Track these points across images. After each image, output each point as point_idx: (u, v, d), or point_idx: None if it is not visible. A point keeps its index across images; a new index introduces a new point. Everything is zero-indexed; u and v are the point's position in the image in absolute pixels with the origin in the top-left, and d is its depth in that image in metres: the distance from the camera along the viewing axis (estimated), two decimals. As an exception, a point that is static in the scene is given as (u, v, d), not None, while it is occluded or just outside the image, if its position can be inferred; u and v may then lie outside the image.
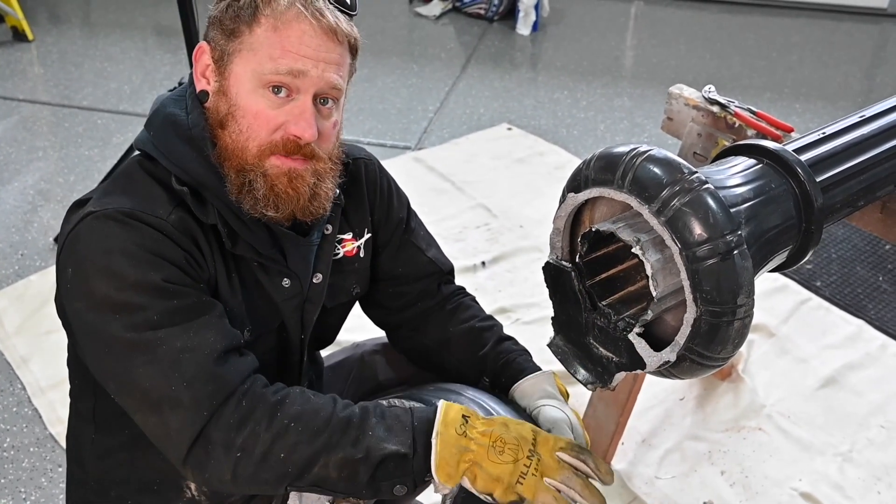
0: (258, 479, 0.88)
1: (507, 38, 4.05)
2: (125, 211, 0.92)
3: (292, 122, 0.96)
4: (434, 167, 2.92)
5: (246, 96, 0.96)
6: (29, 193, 2.75)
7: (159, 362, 0.88)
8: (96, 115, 3.26)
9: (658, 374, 0.91)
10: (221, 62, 0.97)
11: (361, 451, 0.88)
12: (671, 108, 1.55)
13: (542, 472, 0.90)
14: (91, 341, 0.93)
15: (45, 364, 2.05)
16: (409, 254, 1.21)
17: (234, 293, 1.01)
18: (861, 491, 1.78)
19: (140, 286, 0.90)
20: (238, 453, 0.87)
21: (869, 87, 3.74)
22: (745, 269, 0.81)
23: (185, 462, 0.89)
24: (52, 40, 3.86)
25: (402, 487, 0.90)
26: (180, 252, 0.94)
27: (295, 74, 0.95)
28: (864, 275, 2.43)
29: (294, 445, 0.88)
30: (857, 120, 1.08)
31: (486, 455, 0.89)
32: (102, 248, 0.91)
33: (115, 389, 0.93)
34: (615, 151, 0.88)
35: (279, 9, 0.94)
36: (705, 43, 4.03)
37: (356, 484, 0.89)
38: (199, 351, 0.89)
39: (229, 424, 0.87)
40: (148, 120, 1.02)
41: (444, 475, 0.89)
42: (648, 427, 1.91)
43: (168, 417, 0.88)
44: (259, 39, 0.94)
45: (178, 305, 0.91)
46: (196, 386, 0.88)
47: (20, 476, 1.79)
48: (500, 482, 0.88)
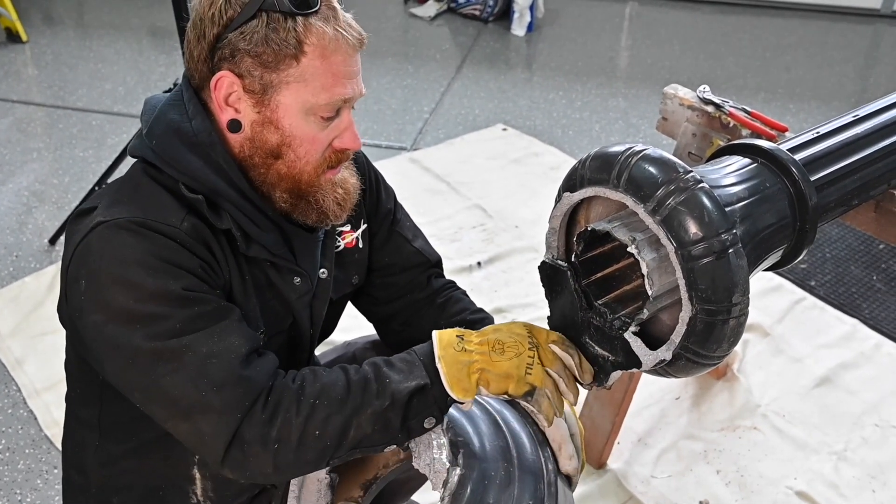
0: (300, 462, 0.91)
1: (502, 38, 4.06)
2: (137, 220, 0.92)
3: (340, 138, 1.00)
4: (429, 168, 2.93)
5: (300, 125, 0.97)
6: (23, 195, 2.74)
7: (186, 369, 0.89)
8: (91, 117, 3.25)
9: (654, 373, 0.91)
10: (264, 94, 0.95)
11: (387, 398, 0.91)
12: (666, 108, 1.55)
13: (542, 361, 0.93)
14: (112, 354, 0.92)
15: (40, 366, 2.05)
16: (396, 244, 1.22)
17: (248, 296, 1.02)
18: (856, 490, 1.78)
19: (160, 296, 0.90)
20: (276, 445, 0.89)
21: (862, 87, 3.75)
22: (740, 268, 0.81)
23: (224, 464, 0.90)
24: (46, 41, 3.85)
25: (430, 419, 0.93)
26: (195, 260, 0.94)
27: (347, 100, 0.98)
28: (858, 274, 2.44)
29: (326, 419, 0.90)
30: (851, 119, 1.09)
31: (490, 359, 0.91)
32: (117, 259, 0.90)
33: (141, 399, 0.93)
34: (610, 151, 0.88)
35: (325, 37, 0.94)
36: (700, 43, 4.04)
37: (391, 431, 0.92)
38: (225, 356, 0.90)
39: (262, 421, 0.89)
40: (149, 129, 1.00)
41: (461, 391, 0.91)
42: (644, 426, 1.92)
43: (200, 424, 0.89)
44: (308, 70, 0.94)
45: (200, 312, 0.91)
46: (226, 390, 0.89)
47: (15, 478, 1.79)
48: (510, 378, 0.91)
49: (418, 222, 1.30)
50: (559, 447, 1.02)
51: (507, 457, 0.97)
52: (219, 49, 0.95)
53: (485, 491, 0.94)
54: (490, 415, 1.03)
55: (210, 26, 0.94)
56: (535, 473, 0.97)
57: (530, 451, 0.99)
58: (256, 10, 0.92)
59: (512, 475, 0.96)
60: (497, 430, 1.01)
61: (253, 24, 0.93)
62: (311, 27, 0.93)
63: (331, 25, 0.94)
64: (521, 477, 0.96)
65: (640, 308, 0.90)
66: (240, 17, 0.93)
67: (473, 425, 1.00)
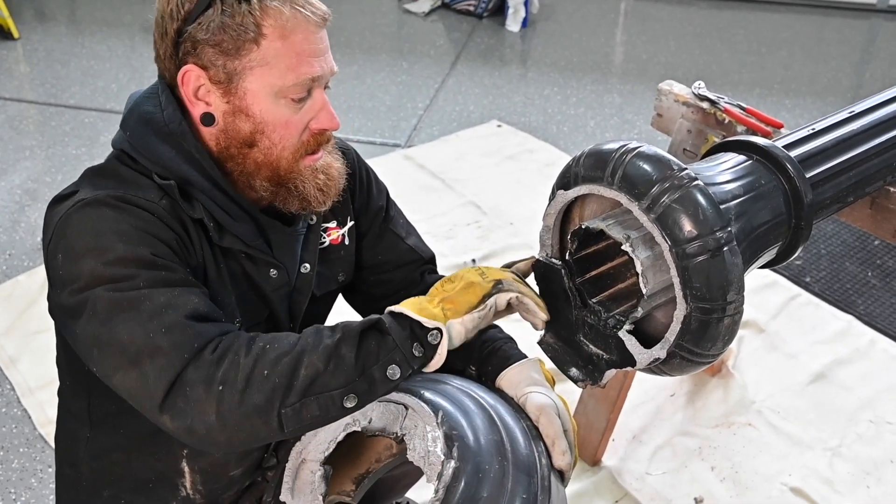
0: (246, 406, 0.84)
1: (496, 34, 4.05)
2: (117, 195, 0.93)
3: (316, 119, 0.99)
4: (424, 165, 2.92)
5: (271, 109, 0.96)
6: (16, 193, 2.73)
7: (140, 316, 0.86)
8: (83, 114, 3.24)
9: (648, 371, 0.91)
10: (229, 82, 0.95)
11: (339, 333, 0.88)
12: (661, 104, 1.55)
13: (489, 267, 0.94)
14: (77, 314, 0.90)
15: (33, 364, 2.04)
16: (390, 242, 1.21)
17: (224, 285, 1.01)
18: (850, 486, 1.79)
19: (127, 259, 0.89)
20: (220, 386, 0.84)
21: (858, 82, 3.75)
22: (734, 266, 0.81)
23: (162, 410, 0.85)
24: (38, 38, 3.83)
25: (395, 368, 0.87)
26: (171, 233, 0.94)
27: (315, 79, 0.97)
28: (853, 270, 2.44)
29: (275, 359, 0.85)
30: (847, 116, 1.09)
31: (445, 290, 0.91)
32: (93, 230, 0.91)
33: (97, 355, 0.89)
34: (605, 148, 0.88)
35: (282, 17, 0.93)
36: (695, 39, 4.04)
37: (346, 370, 0.86)
38: (180, 308, 0.87)
39: (209, 362, 0.85)
40: (123, 120, 1.01)
41: (429, 316, 0.88)
42: (639, 423, 1.91)
43: (147, 367, 0.85)
44: (269, 52, 0.93)
45: (166, 276, 0.90)
46: (175, 332, 0.86)
47: (10, 477, 1.78)
48: (471, 286, 0.90)
49: (413, 220, 1.30)
50: (553, 442, 1.02)
51: (501, 451, 0.97)
52: (181, 44, 0.95)
53: (479, 484, 0.93)
54: (485, 410, 1.03)
55: (170, 22, 0.95)
56: (529, 468, 0.97)
57: (524, 446, 0.99)
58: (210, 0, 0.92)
59: (506, 469, 0.96)
60: (491, 424, 1.01)
61: (209, 14, 0.92)
62: (266, 8, 0.92)
63: (288, 4, 0.93)
64: (515, 471, 0.96)
65: (634, 306, 0.89)
66: (196, 9, 0.93)
67: (468, 419, 1.00)
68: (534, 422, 1.03)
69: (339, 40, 3.86)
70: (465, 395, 1.04)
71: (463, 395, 1.04)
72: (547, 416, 1.02)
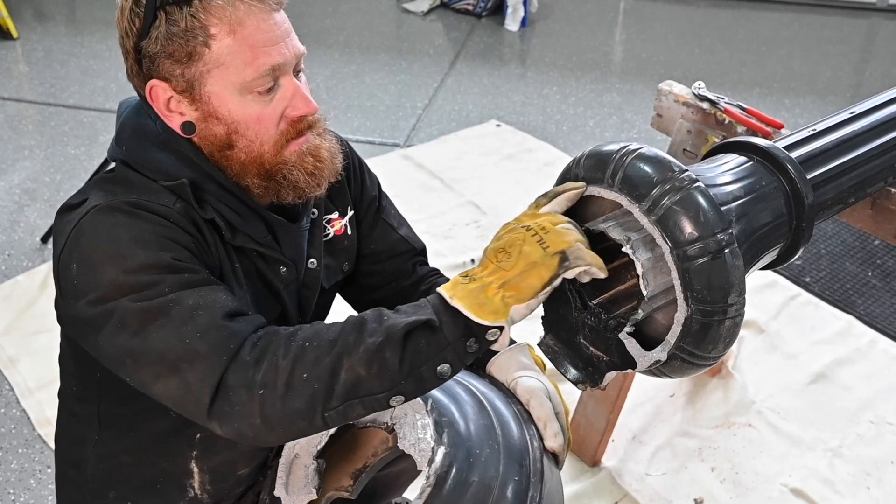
0: (288, 410, 0.82)
1: (495, 33, 4.04)
2: (131, 201, 0.91)
3: (290, 106, 0.96)
4: (423, 164, 2.91)
5: (238, 109, 0.94)
6: (15, 193, 2.72)
7: (172, 322, 0.85)
8: (82, 114, 3.23)
9: (649, 374, 0.90)
10: (191, 90, 0.93)
11: (381, 334, 0.81)
12: (661, 104, 1.55)
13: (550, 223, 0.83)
14: (102, 326, 0.88)
15: (33, 364, 2.04)
16: (382, 232, 1.21)
17: (240, 284, 1.01)
18: (851, 486, 1.78)
19: (150, 266, 0.88)
20: (261, 390, 0.82)
21: (858, 81, 3.75)
22: (735, 268, 0.81)
23: (210, 416, 0.84)
24: (37, 38, 3.82)
25: (446, 367, 0.82)
26: (188, 237, 0.93)
27: (276, 68, 0.94)
28: (853, 270, 2.44)
29: (314, 361, 0.82)
30: (848, 116, 1.08)
31: (504, 270, 0.81)
32: (110, 238, 0.89)
33: (131, 366, 0.88)
34: (605, 149, 0.87)
35: (226, 13, 0.90)
36: (694, 38, 4.04)
37: (390, 374, 0.81)
38: (211, 307, 0.86)
39: (247, 364, 0.83)
40: (116, 135, 1.00)
41: (490, 314, 0.80)
42: (639, 424, 1.91)
43: (187, 374, 0.84)
44: (222, 51, 0.91)
45: (189, 278, 0.89)
46: (210, 334, 0.84)
47: (9, 478, 1.77)
48: (535, 266, 0.80)
49: (412, 219, 1.30)
50: (544, 425, 1.01)
51: (492, 435, 0.97)
52: (142, 60, 0.93)
53: (470, 469, 0.93)
54: (475, 396, 1.03)
55: (127, 39, 0.93)
56: (521, 452, 0.97)
57: (515, 430, 0.99)
58: (154, 10, 0.90)
59: (498, 454, 0.96)
60: (481, 409, 1.00)
61: (156, 26, 0.90)
62: (209, 7, 0.90)
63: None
64: (506, 455, 0.96)
65: (634, 308, 0.89)
66: (145, 23, 0.91)
67: (458, 405, 1.00)
68: (524, 405, 1.03)
69: (338, 39, 3.86)
70: (454, 382, 1.04)
71: (452, 382, 1.04)
72: (537, 399, 1.02)
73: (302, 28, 1.03)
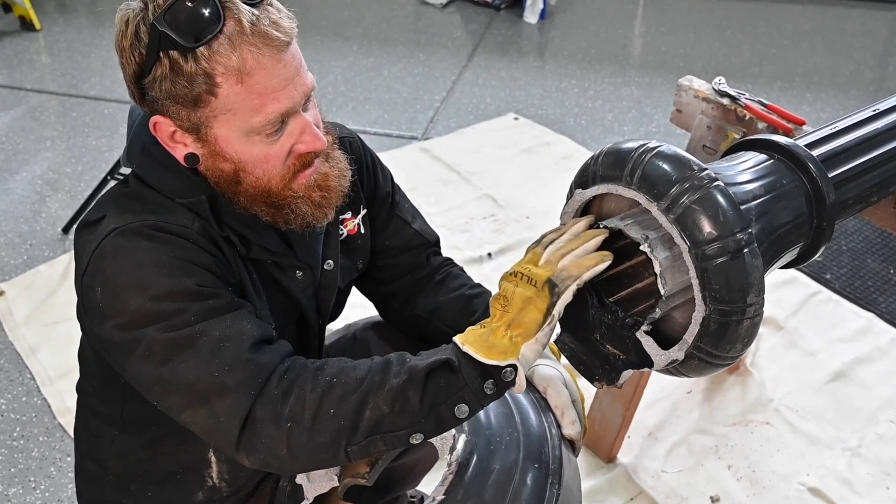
0: (314, 444, 0.86)
1: (514, 26, 4.02)
2: (150, 223, 0.91)
3: (299, 142, 0.94)
4: (440, 157, 2.91)
5: (246, 150, 0.93)
6: (37, 183, 2.75)
7: (200, 354, 0.87)
8: (103, 105, 3.26)
9: (666, 372, 0.90)
10: (198, 131, 0.92)
11: (404, 374, 0.85)
12: (680, 99, 1.53)
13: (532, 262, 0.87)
14: (130, 352, 0.90)
15: (53, 354, 2.06)
16: (396, 227, 1.21)
17: (259, 295, 1.02)
18: (870, 486, 1.77)
19: (175, 294, 0.88)
20: (288, 423, 0.85)
21: (881, 75, 3.69)
22: (755, 268, 0.80)
23: (239, 448, 0.87)
24: (59, 30, 3.85)
25: (465, 407, 0.85)
26: (209, 257, 0.93)
27: (285, 114, 0.91)
28: (875, 267, 2.41)
29: (341, 398, 0.85)
30: (871, 114, 1.07)
31: (508, 313, 0.85)
32: (133, 263, 0.89)
33: (159, 392, 0.91)
34: (624, 147, 0.87)
35: (232, 63, 0.86)
36: (715, 31, 3.99)
37: (412, 412, 0.85)
38: (237, 338, 0.88)
39: (275, 397, 0.86)
40: (127, 149, 0.99)
41: (498, 354, 0.84)
42: (655, 420, 1.91)
43: (216, 406, 0.86)
44: (230, 99, 0.88)
45: (214, 304, 0.90)
46: (238, 368, 0.86)
47: (30, 465, 1.80)
48: (531, 301, 0.84)
49: (428, 212, 1.30)
50: (562, 413, 1.02)
51: (511, 423, 0.98)
52: (143, 93, 0.91)
53: (491, 456, 0.94)
54: None
55: (127, 66, 0.90)
56: (540, 439, 0.98)
57: (534, 418, 1.00)
58: (157, 53, 0.86)
59: (517, 441, 0.96)
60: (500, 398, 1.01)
61: (158, 70, 0.87)
62: (214, 56, 0.85)
63: (239, 44, 0.86)
64: (525, 442, 0.97)
65: (652, 307, 0.89)
66: (147, 61, 0.87)
67: None
68: (542, 394, 1.03)
69: (357, 31, 3.85)
70: None
71: None
72: (554, 388, 1.03)
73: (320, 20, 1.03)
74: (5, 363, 2.06)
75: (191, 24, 0.85)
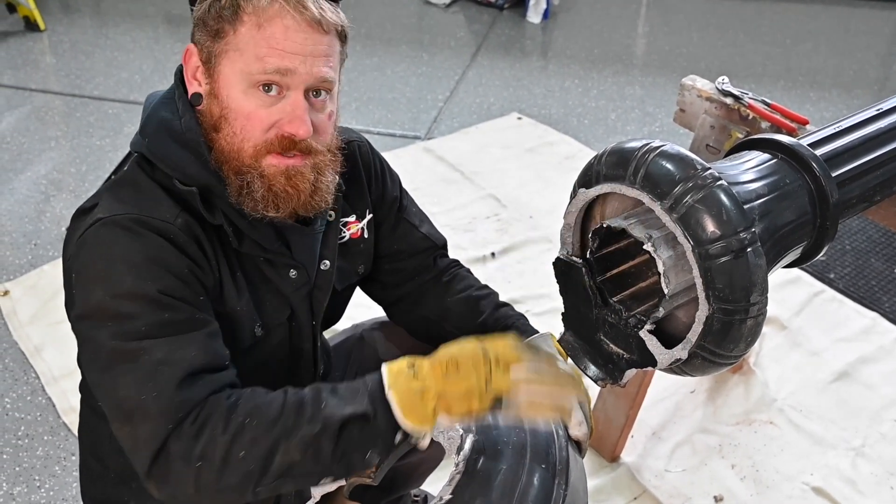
0: (222, 484, 0.86)
1: (517, 26, 4.02)
2: (133, 217, 0.92)
3: (286, 120, 0.95)
4: (443, 157, 2.91)
5: (237, 98, 0.95)
6: (41, 183, 2.76)
7: (137, 372, 0.88)
8: (107, 105, 3.26)
9: (669, 372, 0.90)
10: (209, 64, 0.96)
11: (319, 423, 0.86)
12: (684, 99, 1.53)
13: (504, 364, 0.87)
14: (83, 346, 0.94)
15: (57, 353, 2.07)
16: (404, 231, 1.22)
17: (241, 292, 1.02)
18: (874, 486, 1.77)
19: (135, 296, 0.90)
20: (198, 463, 0.86)
21: (885, 74, 3.69)
22: (758, 267, 0.80)
23: (149, 476, 0.88)
24: (63, 30, 3.86)
25: (374, 454, 0.88)
26: (185, 260, 0.94)
27: (283, 72, 0.94)
28: (878, 267, 2.40)
29: (253, 441, 0.86)
30: (874, 113, 1.07)
31: (446, 381, 0.86)
32: (105, 256, 0.91)
33: (99, 395, 0.94)
34: (627, 147, 0.87)
35: (261, 5, 0.93)
36: (718, 30, 3.99)
37: (323, 460, 0.86)
38: (176, 365, 0.88)
39: (188, 435, 0.86)
40: (141, 125, 1.01)
41: (417, 419, 0.86)
42: (658, 420, 1.90)
43: (138, 429, 0.88)
44: (244, 39, 0.93)
45: (169, 318, 0.90)
46: (164, 397, 0.87)
47: (34, 464, 1.81)
48: (471, 394, 0.86)
49: (432, 212, 1.30)
50: (569, 414, 1.02)
51: (518, 423, 0.98)
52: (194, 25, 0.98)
53: (498, 456, 0.94)
54: None
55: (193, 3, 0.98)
56: (547, 439, 0.98)
57: None
58: None
59: (524, 441, 0.96)
60: None
61: None
62: None
63: None
64: (533, 443, 0.97)
65: (655, 306, 0.89)
66: None
67: None
68: None
69: (360, 32, 3.86)
70: None
71: None
72: None
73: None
74: (10, 362, 2.07)
75: None
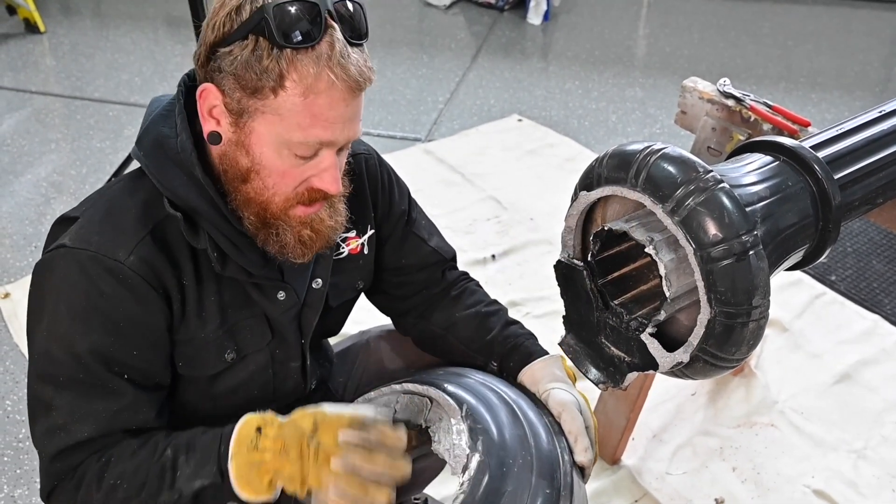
0: None
1: (517, 27, 4.02)
2: (90, 254, 0.94)
3: (317, 177, 0.96)
4: (444, 159, 2.91)
5: (271, 156, 0.94)
6: (42, 186, 2.76)
7: (45, 422, 0.96)
8: (108, 107, 3.26)
9: (670, 375, 0.90)
10: (240, 116, 0.93)
11: (176, 493, 0.93)
12: (685, 101, 1.53)
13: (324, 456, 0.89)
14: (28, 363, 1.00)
15: (57, 356, 2.07)
16: (413, 245, 1.21)
17: (211, 320, 1.01)
18: (875, 489, 1.76)
19: (65, 344, 0.94)
20: None
21: (886, 76, 3.68)
22: (760, 270, 0.80)
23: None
24: (63, 32, 3.86)
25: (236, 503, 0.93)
26: (128, 307, 0.95)
27: (324, 143, 0.94)
28: (880, 269, 2.40)
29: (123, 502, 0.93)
30: (877, 115, 1.07)
31: (279, 460, 0.90)
32: (55, 291, 0.95)
33: None
34: (629, 149, 0.87)
35: (308, 75, 0.88)
36: (719, 31, 3.99)
37: None
38: (70, 435, 0.95)
39: (68, 491, 0.96)
40: (140, 135, 1.00)
41: (251, 491, 0.91)
42: (659, 422, 1.90)
43: (41, 463, 0.98)
44: (285, 105, 0.90)
45: (84, 380, 0.95)
46: (56, 461, 0.96)
47: (35, 466, 1.80)
48: (294, 480, 0.90)
49: (432, 214, 1.29)
50: (575, 439, 1.02)
51: (524, 446, 0.97)
52: (212, 60, 0.92)
53: (503, 478, 0.94)
54: (507, 404, 1.03)
55: (210, 32, 0.92)
56: (553, 463, 0.98)
57: (547, 442, 0.99)
58: (248, 32, 0.89)
59: (530, 464, 0.96)
60: (514, 419, 1.01)
61: (241, 46, 0.89)
62: (296, 63, 0.88)
63: (322, 65, 0.88)
64: (538, 466, 0.96)
65: (657, 309, 0.88)
66: (234, 35, 0.89)
67: (492, 413, 1.00)
68: (556, 418, 1.03)
69: (360, 34, 3.85)
70: (487, 390, 1.04)
71: (486, 390, 1.04)
72: (569, 413, 1.02)
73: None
74: (11, 365, 2.06)
75: (292, 26, 0.87)
